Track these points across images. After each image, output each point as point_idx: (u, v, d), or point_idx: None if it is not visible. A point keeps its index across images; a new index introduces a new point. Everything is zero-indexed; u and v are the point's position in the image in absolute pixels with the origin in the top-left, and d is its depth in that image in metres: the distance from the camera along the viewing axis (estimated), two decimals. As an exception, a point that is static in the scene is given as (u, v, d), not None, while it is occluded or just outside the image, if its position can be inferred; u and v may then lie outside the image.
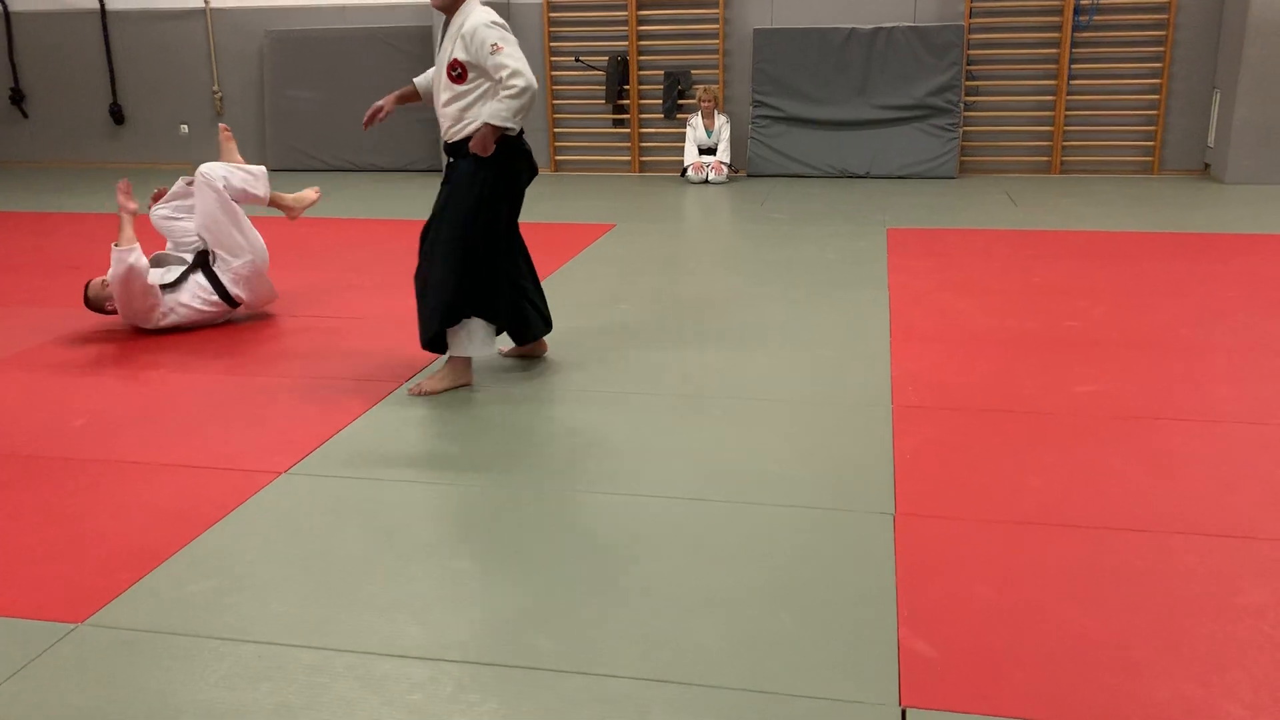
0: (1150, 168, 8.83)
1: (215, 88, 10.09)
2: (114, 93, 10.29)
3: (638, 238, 6.81)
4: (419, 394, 3.97)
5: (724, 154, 8.92)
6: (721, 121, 8.95)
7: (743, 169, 9.20)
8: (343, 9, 9.66)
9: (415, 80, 4.26)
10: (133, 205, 4.77)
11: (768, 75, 9.02)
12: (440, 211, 3.96)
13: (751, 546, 2.82)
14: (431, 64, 4.35)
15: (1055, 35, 8.69)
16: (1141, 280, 5.47)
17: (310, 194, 5.43)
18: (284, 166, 9.83)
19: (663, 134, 9.51)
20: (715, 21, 9.13)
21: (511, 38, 3.80)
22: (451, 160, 4.00)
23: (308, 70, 9.72)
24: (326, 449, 3.49)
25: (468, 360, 4.08)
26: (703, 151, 8.96)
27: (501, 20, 3.84)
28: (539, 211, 7.81)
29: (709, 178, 8.83)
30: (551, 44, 9.45)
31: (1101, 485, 3.13)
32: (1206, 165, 8.71)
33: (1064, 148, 8.92)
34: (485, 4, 3.93)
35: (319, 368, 4.33)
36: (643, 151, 9.58)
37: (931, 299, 5.17)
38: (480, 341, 4.03)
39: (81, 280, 5.80)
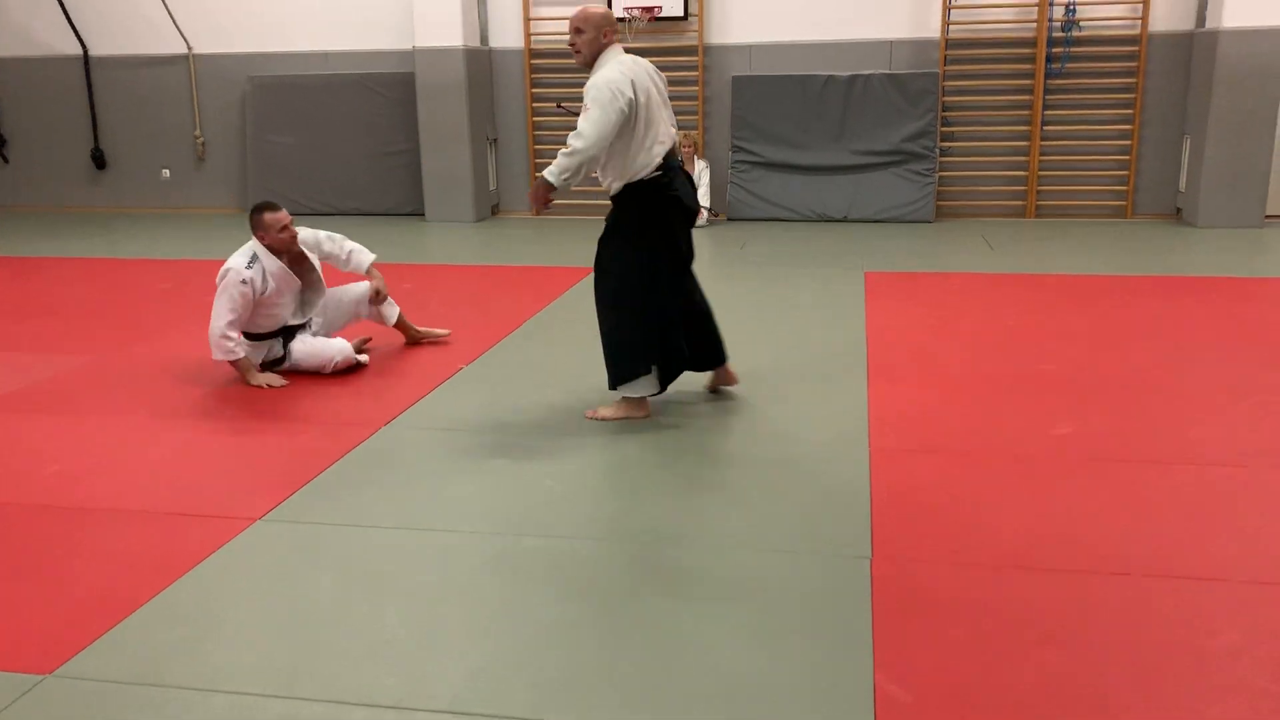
0: (1124, 211, 8.95)
1: (197, 132, 10.12)
2: (95, 137, 10.31)
3: (618, 281, 6.83)
4: (594, 418, 4.14)
5: (704, 198, 8.99)
6: (701, 166, 9.03)
7: (723, 213, 9.28)
8: (326, 55, 9.73)
9: None
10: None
11: (746, 121, 9.13)
12: (597, 262, 4.12)
13: (728, 589, 2.81)
14: (413, 110, 4.41)
15: (1028, 83, 8.84)
16: (1116, 322, 5.52)
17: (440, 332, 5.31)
18: (265, 211, 9.83)
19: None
20: (694, 69, 9.25)
21: (610, 98, 3.80)
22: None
23: (289, 115, 9.76)
24: (302, 495, 3.47)
25: (640, 398, 4.16)
26: (683, 196, 9.02)
27: (625, 75, 3.86)
28: (520, 255, 7.86)
29: (689, 221, 8.89)
30: (533, 90, 9.54)
31: (1078, 528, 3.14)
32: (1179, 209, 8.84)
33: (1039, 192, 9.04)
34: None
35: (295, 413, 4.32)
36: (623, 196, 9.63)
37: (909, 341, 5.21)
38: (643, 384, 4.12)
39: (57, 325, 5.79)
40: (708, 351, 4.33)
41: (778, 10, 9.08)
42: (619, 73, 3.88)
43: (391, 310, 5.13)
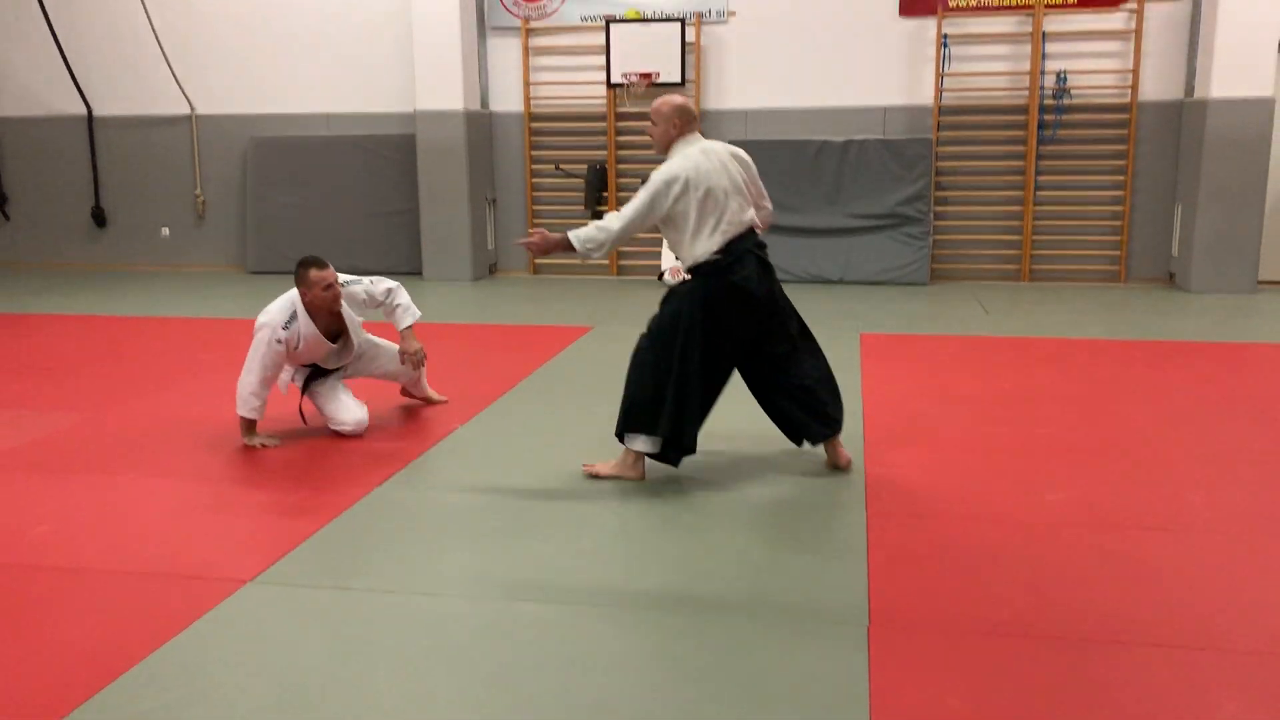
0: (1117, 276, 9.02)
1: (198, 191, 10.21)
2: (96, 195, 10.39)
3: (613, 341, 6.84)
4: (590, 473, 4.19)
5: (700, 260, 9.05)
6: (698, 228, 9.10)
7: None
8: (327, 117, 9.86)
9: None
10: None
11: (743, 184, 9.21)
12: (650, 321, 4.23)
13: (724, 657, 2.77)
14: (413, 171, 4.50)
15: (1021, 149, 8.96)
16: (1111, 387, 5.54)
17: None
18: (264, 269, 9.89)
19: (640, 239, 9.64)
20: (691, 132, 9.36)
21: (658, 189, 3.98)
22: None
23: (290, 175, 9.86)
24: (293, 557, 3.44)
25: (639, 455, 4.15)
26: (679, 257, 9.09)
27: (683, 168, 4.00)
28: (518, 313, 7.88)
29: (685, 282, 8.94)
30: (532, 152, 9.65)
31: (1076, 594, 3.12)
32: (1172, 274, 8.91)
33: (1033, 256, 9.11)
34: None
35: (288, 472, 4.30)
36: (621, 256, 9.71)
37: (905, 404, 5.21)
38: (645, 441, 4.12)
39: (51, 382, 5.78)
40: (799, 425, 4.25)
41: (773, 77, 9.23)
42: (679, 165, 4.03)
43: (422, 379, 5.12)
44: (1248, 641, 2.84)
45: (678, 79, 9.10)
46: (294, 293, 4.56)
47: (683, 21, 9.05)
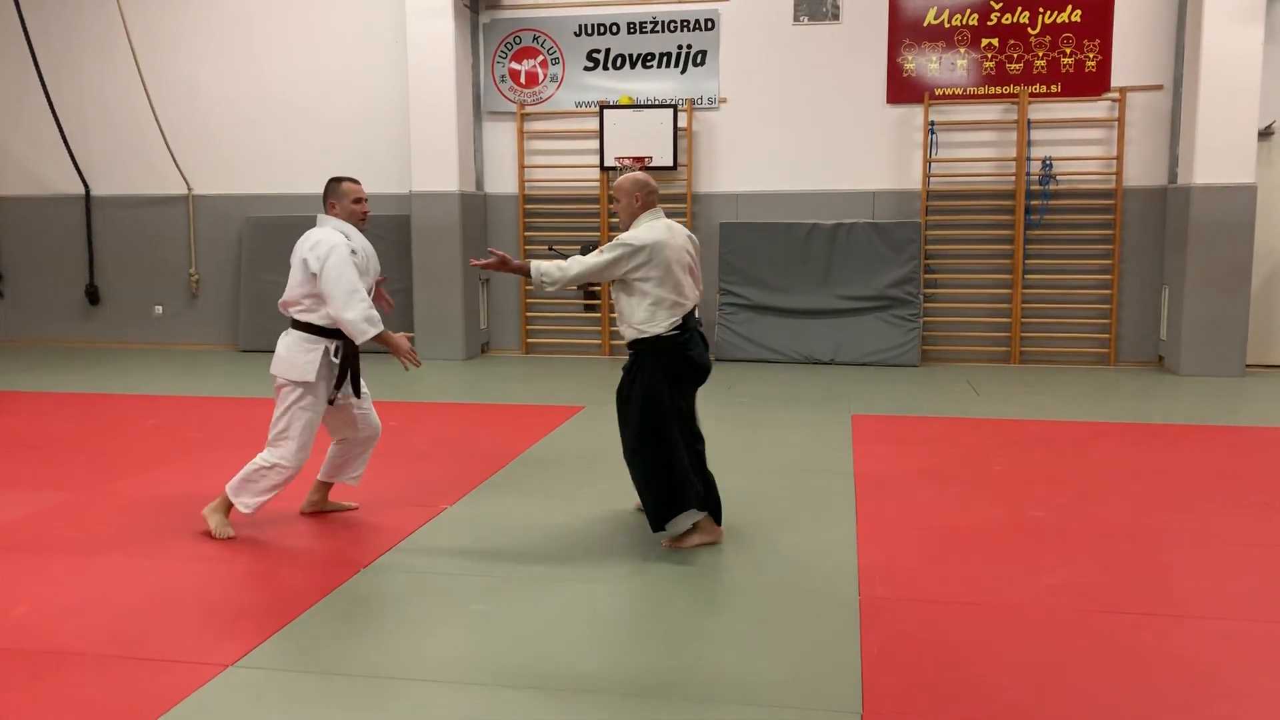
0: (1107, 359, 9.07)
1: (192, 270, 10.27)
2: (91, 274, 10.44)
3: (605, 420, 6.82)
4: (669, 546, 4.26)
5: (692, 340, 9.09)
6: (689, 309, 9.17)
7: (711, 354, 9.36)
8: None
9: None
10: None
11: (734, 266, 9.31)
12: (621, 417, 4.38)
13: (714, 748, 2.71)
14: (408, 250, 4.53)
15: (1009, 233, 9.09)
16: (1102, 470, 5.52)
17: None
18: (256, 347, 9.90)
19: (632, 320, 9.70)
20: (683, 215, 9.49)
21: (622, 251, 4.15)
22: None
23: (284, 254, 9.82)
24: (276, 640, 3.37)
25: (691, 530, 4.27)
26: (671, 338, 9.14)
27: (648, 236, 4.19)
28: (509, 392, 7.87)
29: (677, 363, 8.98)
30: (526, 233, 9.75)
31: (1073, 683, 3.07)
32: (1161, 357, 8.96)
33: (1023, 339, 9.17)
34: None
35: (272, 554, 4.24)
36: (613, 335, 9.75)
37: (897, 486, 5.18)
38: (685, 518, 4.24)
39: (37, 460, 5.73)
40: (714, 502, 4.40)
41: (764, 161, 9.39)
42: (647, 234, 4.20)
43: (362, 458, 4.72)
44: (1248, 732, 2.79)
45: (670, 163, 9.25)
46: (323, 218, 4.51)
47: (675, 107, 9.23)
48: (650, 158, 9.27)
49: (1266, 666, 3.20)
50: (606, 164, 9.35)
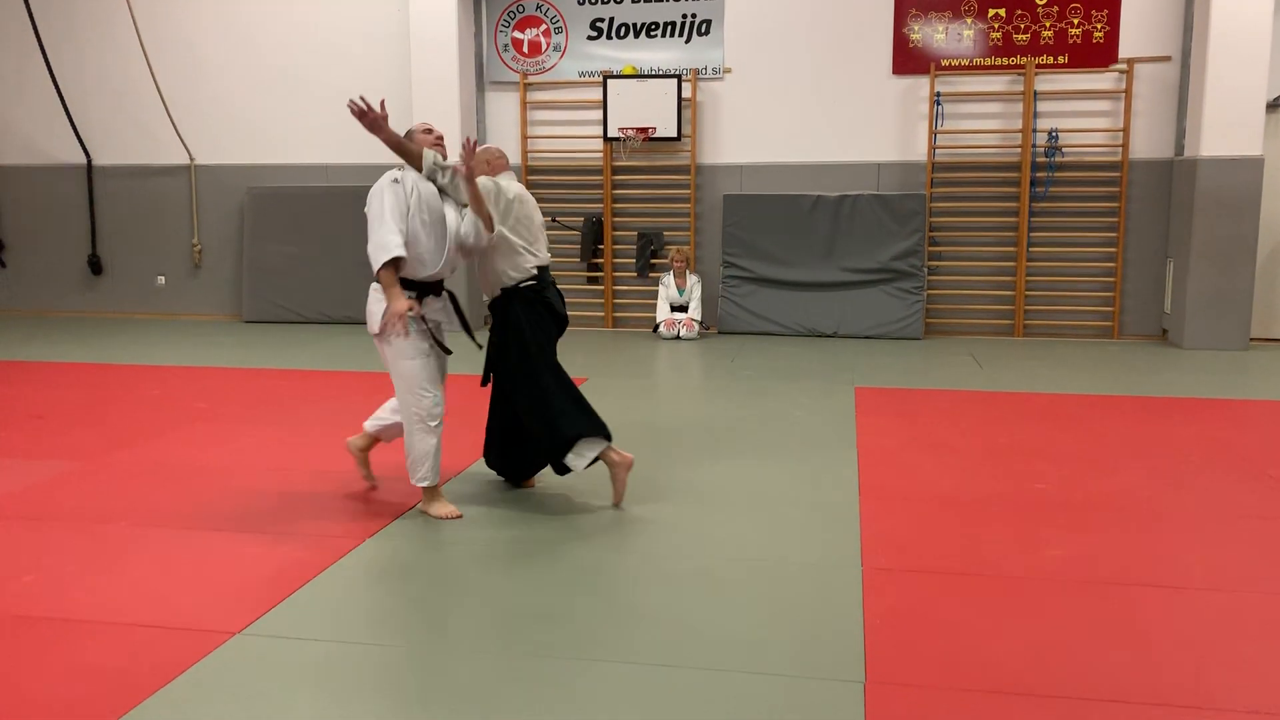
0: (1110, 332, 9.06)
1: (195, 240, 10.25)
2: (94, 244, 10.42)
3: (609, 393, 6.84)
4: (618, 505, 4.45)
5: (695, 311, 9.09)
6: (693, 280, 9.16)
7: (713, 326, 9.36)
8: (326, 168, 9.93)
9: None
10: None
11: (738, 238, 9.29)
12: (500, 371, 4.62)
13: (719, 716, 2.73)
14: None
15: (1014, 205, 9.05)
16: (1105, 443, 5.53)
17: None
18: (259, 318, 9.90)
19: (635, 291, 9.70)
20: (687, 186, 9.45)
21: (504, 186, 4.41)
22: None
23: (287, 225, 9.90)
24: (283, 608, 3.39)
25: (603, 455, 4.44)
26: (674, 309, 9.14)
27: (517, 189, 4.46)
28: (511, 366, 7.87)
29: (680, 334, 8.97)
30: (528, 204, 9.72)
31: (1073, 653, 3.09)
32: (1164, 330, 8.95)
33: (1026, 312, 9.16)
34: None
35: (279, 524, 4.25)
36: (616, 307, 9.74)
37: (900, 459, 5.19)
38: (590, 445, 4.41)
39: (43, 430, 5.75)
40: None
41: (768, 133, 9.33)
42: (507, 184, 4.45)
43: None
44: (1248, 701, 2.81)
45: (674, 134, 9.20)
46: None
47: (679, 78, 9.17)
48: (654, 128, 9.22)
49: (1268, 638, 3.22)
50: (610, 135, 9.31)
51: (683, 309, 9.12)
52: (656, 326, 9.13)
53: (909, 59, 9.06)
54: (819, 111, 9.24)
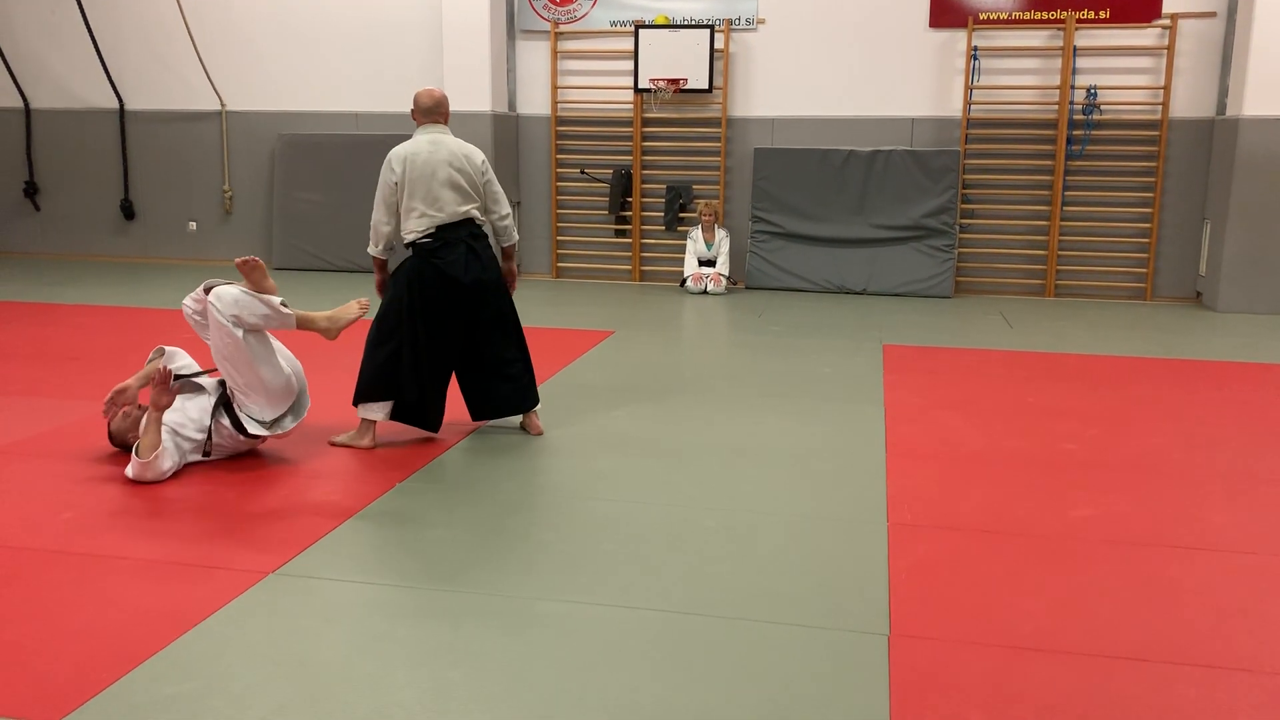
0: (1143, 294, 8.96)
1: (226, 187, 10.29)
2: (126, 189, 10.49)
3: (636, 346, 6.86)
4: (332, 443, 4.59)
5: (723, 266, 9.06)
6: (721, 235, 9.12)
7: (741, 281, 9.33)
8: (356, 116, 9.92)
9: None
10: (166, 402, 4.07)
11: (767, 192, 9.22)
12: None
13: (744, 665, 2.77)
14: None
15: (1049, 163, 8.92)
16: (1135, 405, 5.49)
17: (352, 308, 4.50)
18: (289, 265, 9.96)
19: (663, 245, 9.67)
20: (717, 140, 9.38)
21: (384, 166, 4.58)
22: None
23: (317, 173, 9.92)
24: (316, 549, 3.45)
25: (370, 424, 4.59)
26: (702, 263, 9.11)
27: (397, 154, 4.56)
28: (540, 316, 7.90)
29: (708, 289, 8.95)
30: (558, 155, 9.68)
31: (1097, 611, 3.09)
32: (1199, 293, 8.84)
33: (1058, 272, 9.06)
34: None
35: (313, 467, 4.31)
36: (643, 261, 9.72)
37: (927, 416, 5.19)
38: (375, 410, 4.58)
39: (78, 371, 5.83)
40: (488, 403, 4.75)
41: (800, 86, 9.23)
42: (399, 147, 4.57)
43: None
44: (1274, 663, 2.81)
45: (705, 85, 9.11)
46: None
47: (711, 28, 9.06)
48: (685, 80, 9.13)
49: (1294, 601, 3.22)
50: (641, 86, 9.23)
51: (711, 263, 9.09)
52: (684, 281, 9.11)
53: (946, 12, 8.90)
54: (853, 64, 9.12)
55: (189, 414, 4.23)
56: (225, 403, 4.28)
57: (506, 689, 2.63)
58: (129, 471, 4.04)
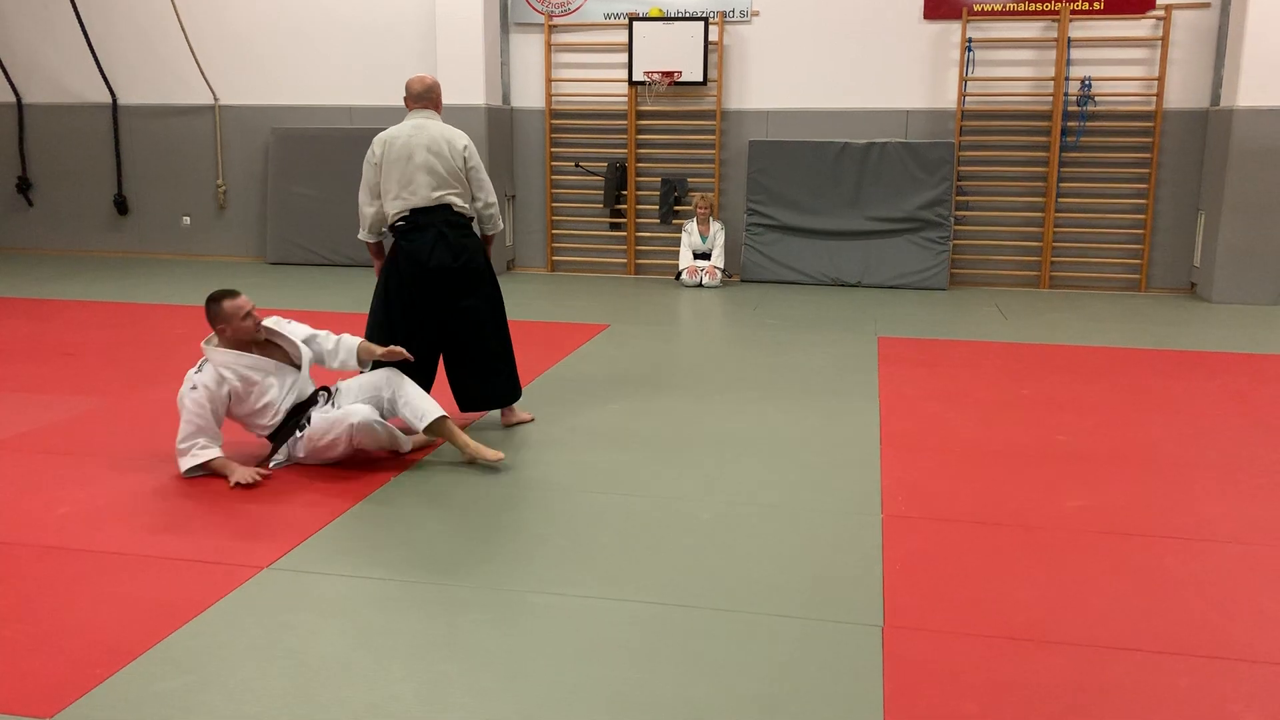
0: (1138, 285, 8.97)
1: (219, 181, 10.26)
2: (119, 183, 10.46)
3: (630, 339, 6.86)
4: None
5: (718, 259, 9.06)
6: (716, 228, 9.11)
7: (736, 274, 9.33)
8: (350, 110, 9.89)
9: None
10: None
11: (762, 185, 9.21)
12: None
13: (738, 656, 2.77)
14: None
15: (1043, 155, 8.92)
16: (1129, 396, 5.51)
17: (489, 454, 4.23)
18: (282, 260, 9.94)
19: (658, 238, 9.66)
20: (712, 132, 9.37)
21: (369, 151, 4.71)
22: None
23: (311, 167, 9.90)
24: (310, 544, 3.45)
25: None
26: (697, 256, 9.11)
27: (379, 139, 4.69)
28: (535, 310, 7.89)
29: (703, 282, 8.95)
30: (552, 149, 9.66)
31: (1091, 602, 3.10)
32: (1193, 284, 8.85)
33: (1053, 263, 9.07)
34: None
35: (305, 463, 4.31)
36: (638, 254, 9.71)
37: (922, 408, 5.19)
38: None
39: (72, 367, 5.82)
40: (472, 397, 4.74)
41: (795, 78, 9.22)
42: (384, 132, 4.67)
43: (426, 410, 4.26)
44: (1268, 652, 2.82)
45: (700, 78, 9.10)
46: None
47: (706, 20, 9.05)
48: (680, 72, 9.12)
49: (1287, 590, 3.23)
50: (635, 79, 9.21)
51: (706, 256, 9.09)
52: (679, 274, 9.11)
53: (941, 4, 8.89)
54: (847, 56, 9.11)
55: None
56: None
57: (502, 681, 2.64)
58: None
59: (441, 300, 4.59)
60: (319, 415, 4.20)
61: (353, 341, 4.43)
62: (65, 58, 10.29)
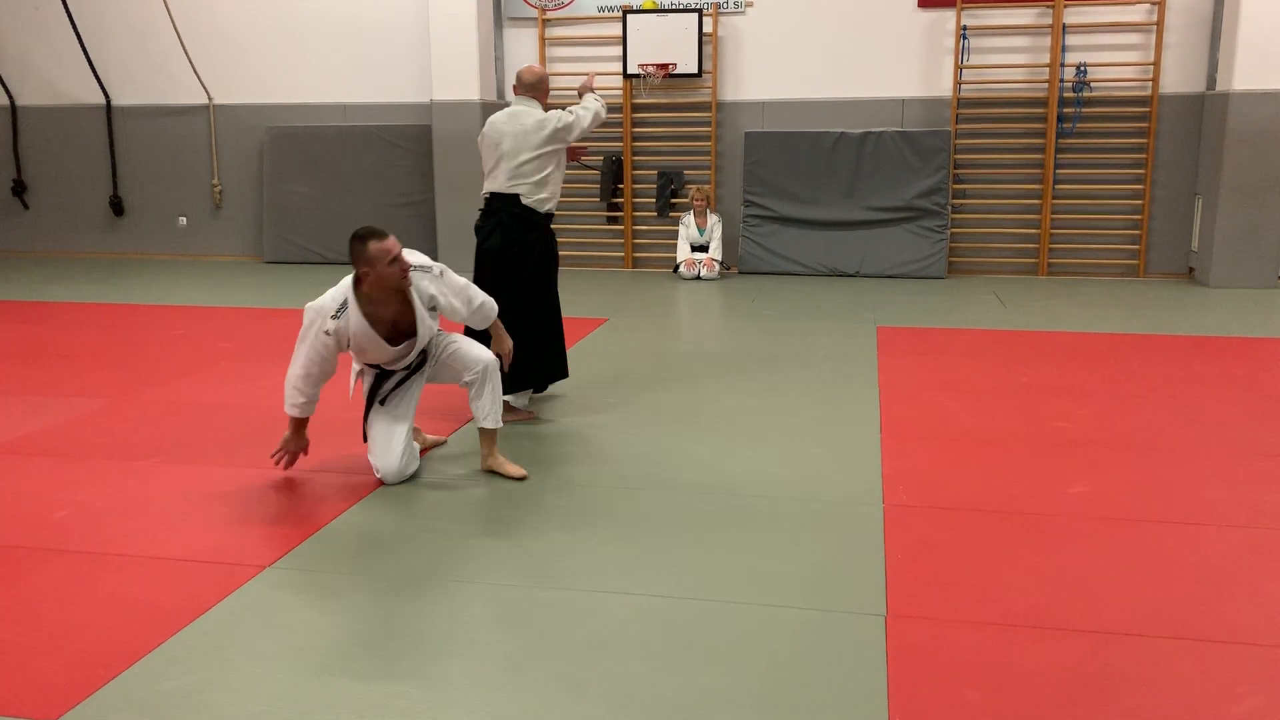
0: (1136, 271, 8.96)
1: (215, 181, 10.24)
2: (114, 185, 10.43)
3: (629, 333, 6.86)
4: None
5: (715, 251, 9.05)
6: (713, 220, 9.10)
7: (734, 266, 9.32)
8: (344, 107, 9.87)
9: None
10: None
11: (759, 176, 9.20)
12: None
13: (741, 647, 2.77)
14: (429, 161, 4.69)
15: (1040, 141, 8.91)
16: (1128, 381, 5.50)
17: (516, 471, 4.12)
18: (279, 259, 9.93)
19: (655, 231, 9.65)
20: (708, 124, 9.35)
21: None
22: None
23: (306, 166, 9.88)
24: (312, 543, 3.45)
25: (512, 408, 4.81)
26: (695, 249, 9.09)
27: (486, 124, 5.07)
28: (532, 306, 7.88)
29: (700, 274, 8.94)
30: (547, 143, 9.64)
31: (1093, 588, 3.10)
32: (1191, 269, 8.85)
33: (1051, 250, 9.06)
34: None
35: (309, 461, 4.30)
36: (636, 248, 9.70)
37: (921, 397, 5.19)
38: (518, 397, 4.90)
39: (70, 369, 5.82)
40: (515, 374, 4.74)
41: (790, 68, 9.20)
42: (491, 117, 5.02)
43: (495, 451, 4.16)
44: (1270, 636, 2.82)
45: (694, 70, 9.08)
46: (346, 280, 3.95)
47: (700, 12, 9.03)
48: (674, 65, 9.10)
49: (1289, 573, 3.23)
50: (630, 72, 9.19)
51: (703, 249, 9.08)
52: (677, 267, 9.10)
53: (935, -8, 8.87)
54: (842, 46, 9.09)
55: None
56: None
57: (505, 677, 2.63)
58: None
59: (497, 277, 4.80)
60: (382, 424, 4.07)
61: (492, 312, 4.27)
62: (58, 59, 10.26)
